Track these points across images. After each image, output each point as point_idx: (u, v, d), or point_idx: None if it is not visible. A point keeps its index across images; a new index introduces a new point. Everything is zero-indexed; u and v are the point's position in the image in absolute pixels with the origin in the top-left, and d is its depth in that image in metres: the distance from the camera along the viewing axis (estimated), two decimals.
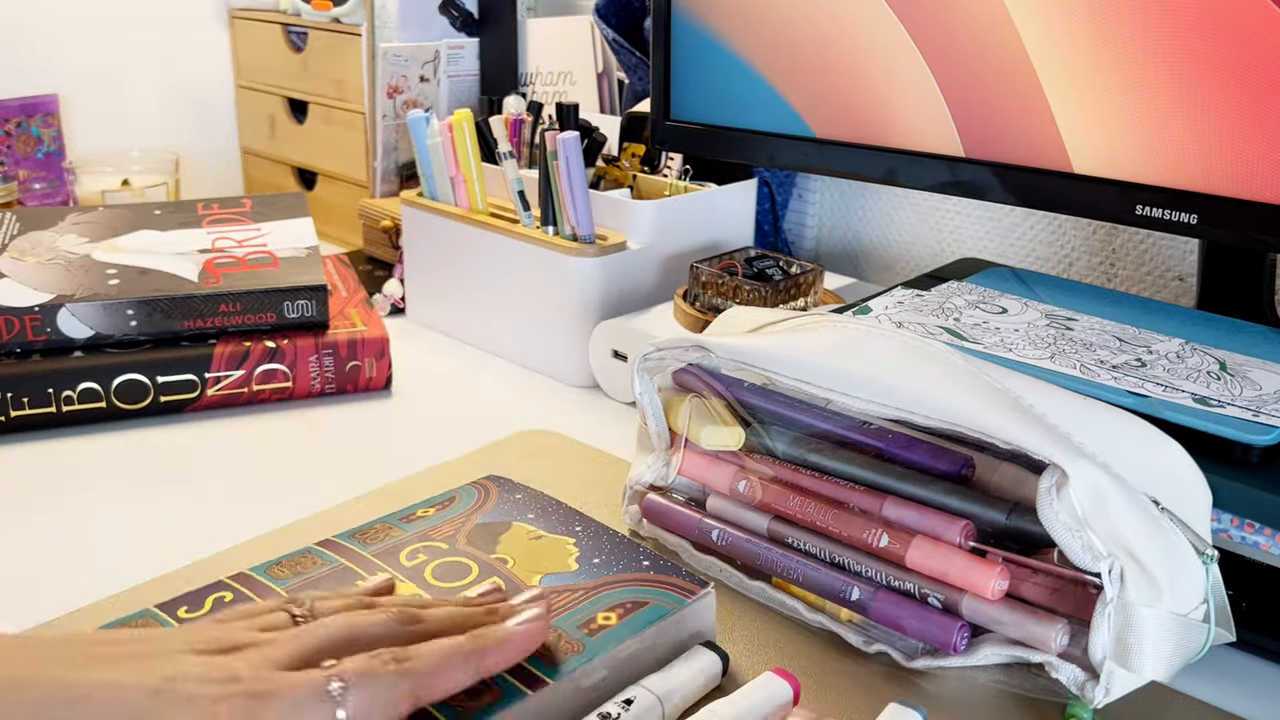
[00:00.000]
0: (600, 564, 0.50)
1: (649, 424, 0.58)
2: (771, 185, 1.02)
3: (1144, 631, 0.43)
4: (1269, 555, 0.49)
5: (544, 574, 0.49)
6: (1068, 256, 0.93)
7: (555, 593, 0.47)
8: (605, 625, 0.45)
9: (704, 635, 0.49)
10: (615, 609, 0.47)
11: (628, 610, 0.46)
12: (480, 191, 0.86)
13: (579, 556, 0.51)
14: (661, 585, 0.48)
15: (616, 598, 0.47)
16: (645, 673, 0.45)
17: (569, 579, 0.49)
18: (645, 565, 0.50)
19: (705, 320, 0.74)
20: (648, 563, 0.50)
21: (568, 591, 0.48)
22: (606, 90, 1.10)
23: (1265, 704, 0.48)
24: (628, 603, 0.47)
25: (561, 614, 0.46)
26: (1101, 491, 0.43)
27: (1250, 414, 0.52)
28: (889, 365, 0.49)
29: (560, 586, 0.48)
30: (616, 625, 0.45)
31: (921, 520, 0.48)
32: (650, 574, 0.49)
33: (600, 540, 0.52)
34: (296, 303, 0.77)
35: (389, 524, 0.54)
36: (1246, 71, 0.58)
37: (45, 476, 0.67)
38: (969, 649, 0.47)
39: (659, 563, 0.50)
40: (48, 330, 0.73)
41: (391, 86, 1.07)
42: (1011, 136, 0.69)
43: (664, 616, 0.46)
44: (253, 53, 1.28)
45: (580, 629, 0.45)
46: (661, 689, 0.44)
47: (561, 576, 0.49)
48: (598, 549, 0.51)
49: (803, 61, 0.78)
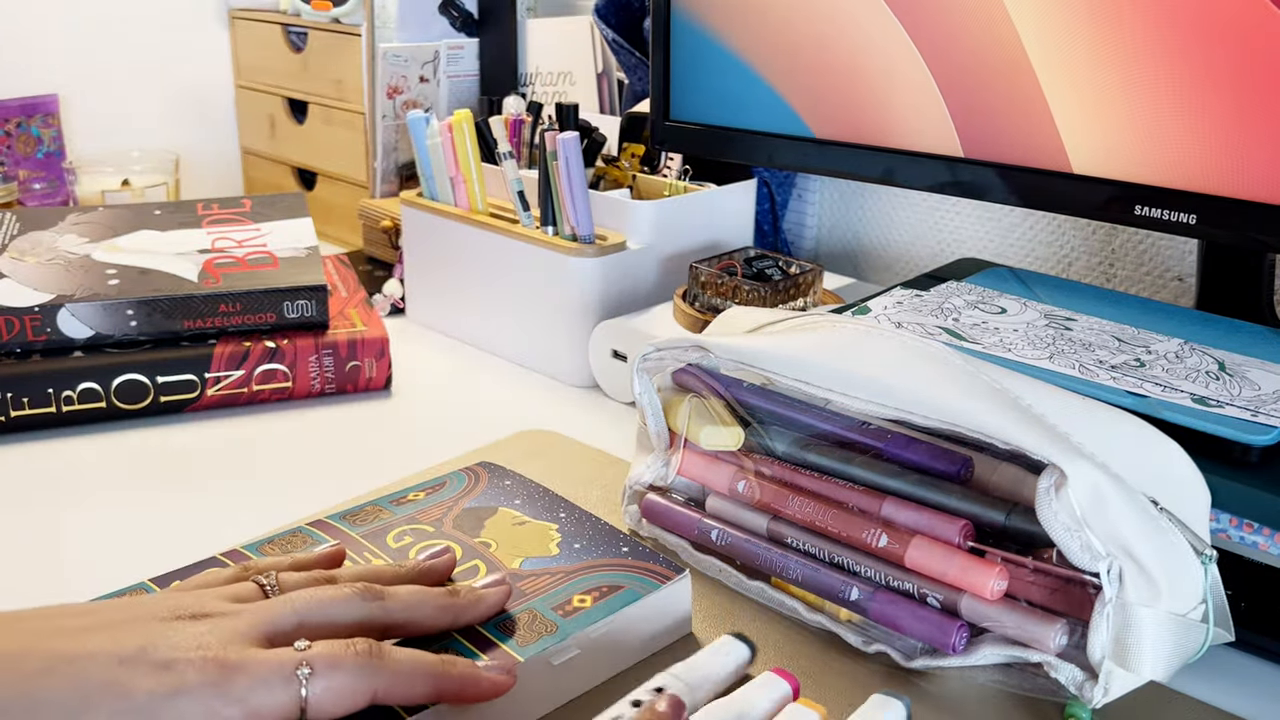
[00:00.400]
0: (581, 549, 0.51)
1: (648, 424, 0.58)
2: (771, 185, 1.02)
3: (1143, 631, 0.43)
4: (1268, 555, 0.49)
5: (525, 557, 0.50)
6: (1067, 257, 0.93)
7: (534, 575, 0.49)
8: (580, 608, 0.47)
9: (679, 620, 0.50)
10: (591, 592, 0.48)
11: (603, 594, 0.48)
12: (480, 192, 0.86)
13: (560, 542, 0.52)
14: (638, 570, 0.50)
15: (593, 581, 0.49)
16: (620, 653, 0.47)
17: (549, 563, 0.50)
18: (624, 551, 0.51)
19: (705, 320, 0.74)
20: (627, 549, 0.51)
21: (546, 575, 0.49)
22: (606, 90, 1.10)
23: (1264, 704, 0.48)
24: (603, 586, 0.48)
25: (537, 596, 0.47)
26: (1100, 491, 0.43)
27: (1249, 414, 0.52)
28: (888, 365, 0.49)
29: (540, 569, 0.49)
30: (591, 607, 0.47)
31: (920, 520, 0.48)
32: (629, 560, 0.50)
33: (583, 526, 0.53)
34: (296, 303, 0.77)
35: (379, 506, 0.55)
36: (1246, 71, 0.59)
37: (45, 476, 0.67)
38: (968, 649, 0.47)
39: (638, 549, 0.51)
40: (48, 330, 0.73)
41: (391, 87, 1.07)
42: (1010, 136, 0.69)
43: (637, 600, 0.48)
44: (252, 53, 1.28)
45: (554, 610, 0.46)
46: (691, 678, 0.44)
47: (542, 560, 0.50)
48: (579, 534, 0.53)
49: (802, 62, 0.78)
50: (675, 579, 0.49)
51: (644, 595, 0.48)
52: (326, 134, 1.18)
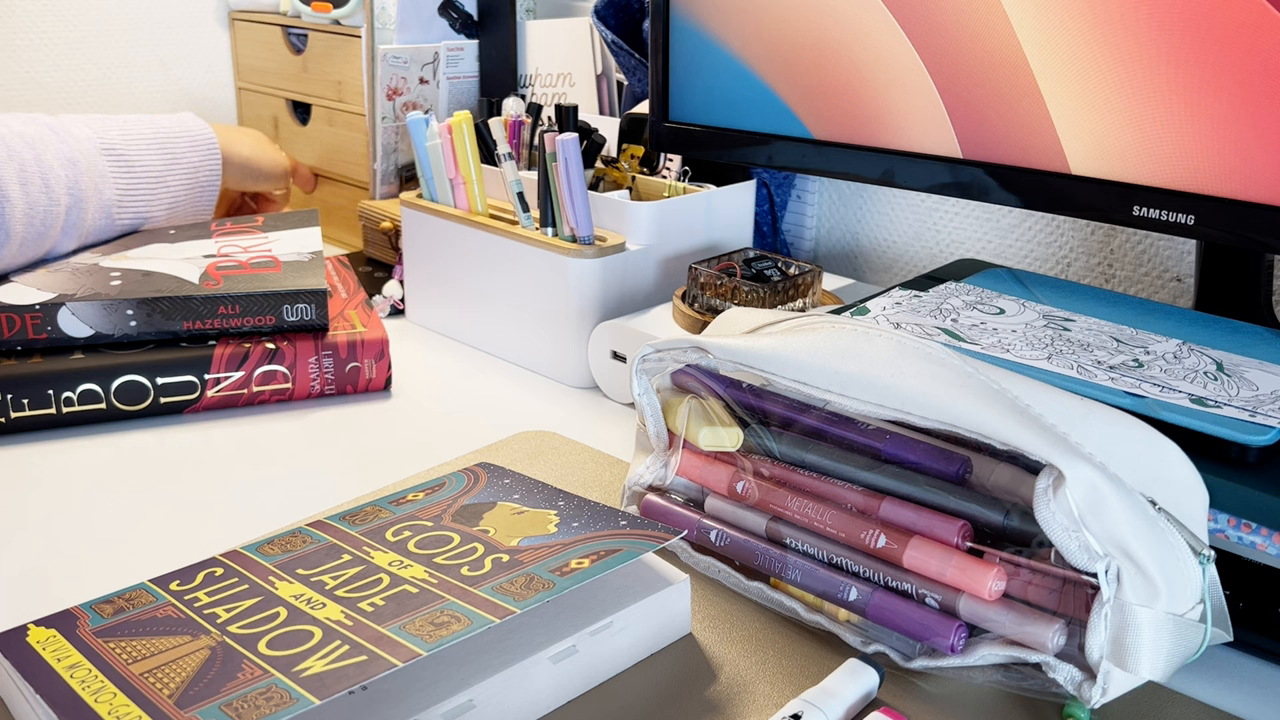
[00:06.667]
0: (579, 526, 0.52)
1: (647, 425, 0.58)
2: (770, 186, 1.02)
3: (1141, 631, 0.43)
4: (1266, 555, 0.49)
5: (523, 536, 0.51)
6: (1066, 257, 0.93)
7: (533, 549, 0.49)
8: (578, 568, 0.47)
9: (679, 620, 0.51)
10: (589, 555, 0.48)
11: (600, 556, 0.48)
12: (479, 193, 0.86)
13: (559, 523, 0.52)
14: (635, 536, 0.50)
15: (592, 548, 0.49)
16: (620, 653, 0.48)
17: (548, 539, 0.51)
18: (623, 524, 0.52)
19: (704, 321, 0.74)
20: (625, 522, 0.52)
21: (545, 548, 0.50)
22: (605, 92, 1.10)
23: (1262, 704, 0.48)
24: (601, 551, 0.49)
25: (537, 563, 0.48)
26: (1098, 492, 0.43)
27: (1247, 414, 0.52)
28: (887, 366, 0.49)
29: (539, 544, 0.50)
30: (589, 567, 0.47)
31: (919, 520, 0.48)
32: (627, 530, 0.51)
33: (581, 510, 0.54)
34: (296, 307, 0.77)
35: (379, 507, 0.56)
36: (1244, 72, 0.59)
37: (45, 478, 0.67)
38: (966, 649, 0.47)
39: (636, 521, 0.52)
40: (48, 329, 0.73)
41: (391, 88, 1.07)
42: (1009, 137, 0.69)
43: (634, 559, 0.48)
44: (252, 54, 1.28)
45: (552, 572, 0.47)
46: (824, 703, 0.45)
47: (541, 538, 0.51)
48: (578, 516, 0.53)
49: (801, 63, 0.78)
50: (671, 540, 0.50)
51: (640, 555, 0.48)
52: (330, 135, 1.18)
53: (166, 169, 0.91)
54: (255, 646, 0.43)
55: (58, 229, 0.82)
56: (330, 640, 0.43)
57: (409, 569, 0.48)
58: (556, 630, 0.47)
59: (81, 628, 0.46)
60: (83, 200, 0.83)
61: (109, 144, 0.88)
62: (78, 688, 0.41)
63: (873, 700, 0.47)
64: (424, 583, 0.47)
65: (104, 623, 0.46)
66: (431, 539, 0.51)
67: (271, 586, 0.48)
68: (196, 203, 0.96)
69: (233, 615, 0.46)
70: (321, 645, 0.43)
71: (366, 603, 0.46)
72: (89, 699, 0.40)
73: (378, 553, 0.50)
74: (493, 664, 0.44)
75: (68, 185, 0.82)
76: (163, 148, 0.92)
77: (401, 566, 0.49)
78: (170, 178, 0.92)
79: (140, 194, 0.89)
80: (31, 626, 0.46)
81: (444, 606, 0.45)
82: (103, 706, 0.40)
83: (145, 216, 0.90)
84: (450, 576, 0.47)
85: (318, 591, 0.47)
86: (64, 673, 0.42)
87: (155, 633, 0.45)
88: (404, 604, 0.45)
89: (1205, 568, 0.45)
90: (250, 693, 0.40)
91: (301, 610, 0.45)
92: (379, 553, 0.50)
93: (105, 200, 0.86)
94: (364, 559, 0.50)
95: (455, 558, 0.49)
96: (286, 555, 0.51)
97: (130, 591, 0.48)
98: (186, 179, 0.93)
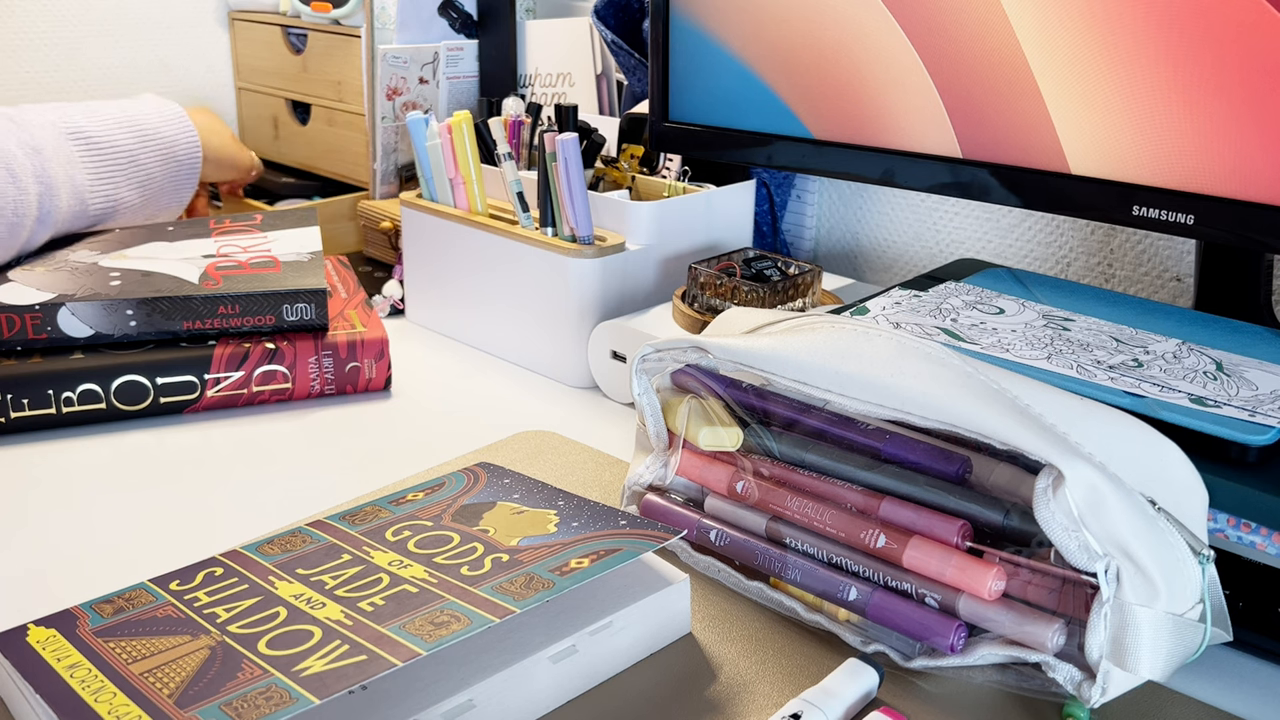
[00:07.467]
0: (579, 526, 0.52)
1: (647, 424, 0.58)
2: (770, 186, 1.02)
3: (1140, 631, 0.43)
4: (1265, 555, 0.49)
5: (523, 536, 0.51)
6: (1065, 257, 0.93)
7: (532, 548, 0.49)
8: (577, 568, 0.47)
9: (678, 620, 0.51)
10: (589, 555, 0.48)
11: (600, 556, 0.48)
12: (479, 193, 0.86)
13: (558, 522, 0.52)
14: (635, 535, 0.50)
15: (592, 548, 0.49)
16: (620, 653, 0.48)
17: (548, 539, 0.51)
18: (623, 524, 0.52)
19: (704, 321, 0.74)
20: (625, 522, 0.52)
21: (544, 547, 0.50)
22: (605, 92, 1.10)
23: (1262, 704, 0.48)
24: (601, 550, 0.49)
25: (537, 562, 0.48)
26: (1098, 492, 0.43)
27: (1246, 414, 0.52)
28: (886, 366, 0.49)
29: (538, 544, 0.50)
30: (589, 567, 0.47)
31: (919, 520, 0.48)
32: (626, 529, 0.51)
33: (581, 510, 0.54)
34: (296, 306, 0.77)
35: (379, 506, 0.56)
36: (1243, 72, 0.59)
37: (45, 477, 0.67)
38: (966, 649, 0.47)
39: (636, 521, 0.52)
40: (48, 329, 0.73)
41: (391, 88, 1.07)
42: (1009, 137, 0.69)
43: (634, 559, 0.48)
44: (252, 54, 1.28)
45: (552, 572, 0.47)
46: (824, 702, 0.45)
47: (541, 538, 0.51)
48: (578, 516, 0.53)
49: (801, 63, 0.78)
50: (671, 539, 0.50)
51: (640, 554, 0.48)
52: (330, 135, 1.18)
53: (139, 146, 0.91)
54: (255, 646, 0.43)
55: (32, 218, 0.81)
56: (330, 640, 0.43)
57: (409, 569, 0.48)
58: (556, 630, 0.47)
59: (81, 627, 0.46)
60: (54, 187, 0.83)
61: (74, 128, 0.88)
62: (78, 687, 0.41)
63: (872, 700, 0.47)
64: (424, 582, 0.47)
65: (104, 622, 0.46)
66: (431, 539, 0.51)
67: (271, 586, 0.48)
68: (175, 177, 0.95)
69: (233, 615, 0.46)
70: (321, 645, 0.43)
71: (366, 602, 0.46)
72: (89, 699, 0.40)
73: (377, 552, 0.50)
74: (493, 664, 0.44)
75: (35, 173, 0.82)
76: (132, 125, 0.92)
77: (401, 566, 0.49)
78: (143, 155, 0.91)
79: (113, 175, 0.88)
80: (31, 626, 0.46)
81: (444, 606, 0.45)
82: (103, 706, 0.40)
83: (119, 199, 0.90)
84: (450, 576, 0.47)
85: (318, 591, 0.47)
86: (64, 672, 0.42)
87: (155, 632, 0.45)
88: (404, 604, 0.45)
89: (1205, 567, 0.45)
90: (250, 692, 0.40)
91: (301, 610, 0.45)
92: (379, 552, 0.50)
93: (78, 185, 0.86)
94: (364, 559, 0.50)
95: (455, 557, 0.49)
96: (286, 555, 0.51)
97: (130, 591, 0.48)
98: (161, 155, 0.93)
